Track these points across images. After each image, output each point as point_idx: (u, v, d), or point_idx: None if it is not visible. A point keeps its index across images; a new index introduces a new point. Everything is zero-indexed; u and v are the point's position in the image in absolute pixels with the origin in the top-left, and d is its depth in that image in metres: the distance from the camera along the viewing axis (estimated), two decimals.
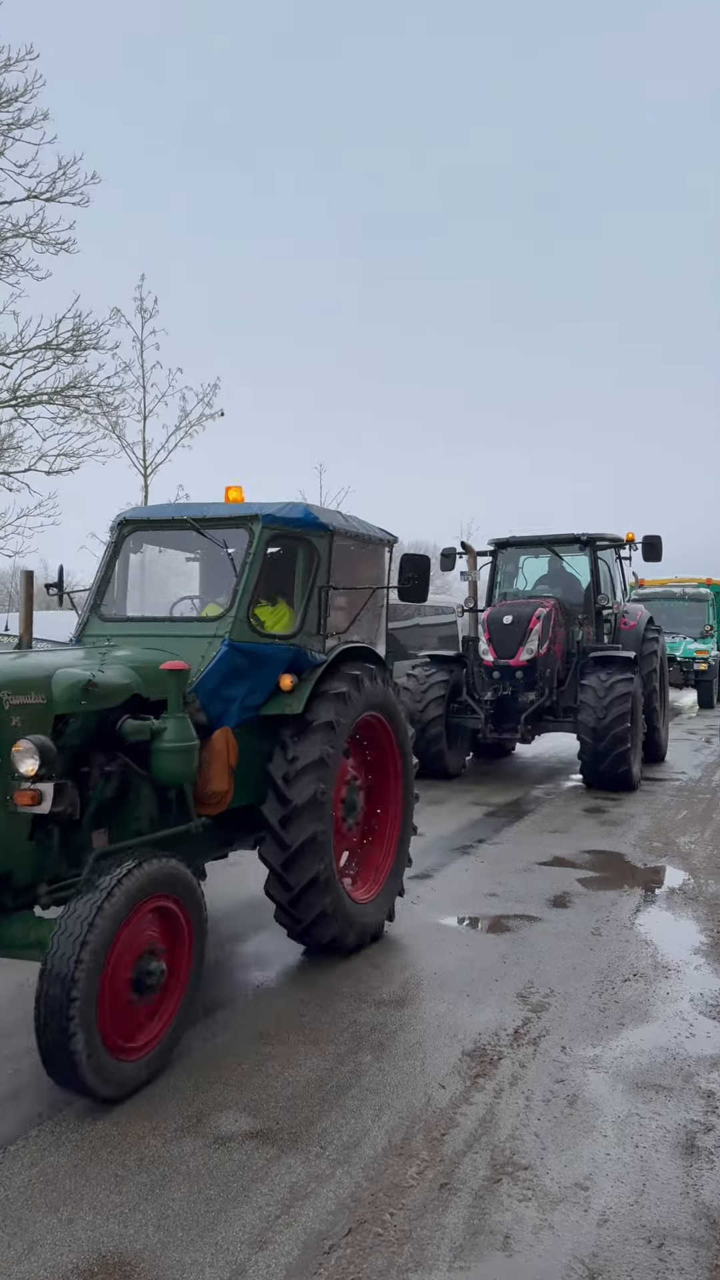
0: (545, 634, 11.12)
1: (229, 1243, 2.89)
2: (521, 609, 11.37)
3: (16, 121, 16.75)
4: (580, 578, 12.31)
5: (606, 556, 12.38)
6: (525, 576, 12.94)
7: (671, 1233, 2.95)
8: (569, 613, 11.86)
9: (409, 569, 5.62)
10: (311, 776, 4.89)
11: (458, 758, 11.56)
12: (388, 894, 5.72)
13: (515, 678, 11.11)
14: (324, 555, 5.45)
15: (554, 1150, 3.41)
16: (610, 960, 5.32)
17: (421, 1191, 3.15)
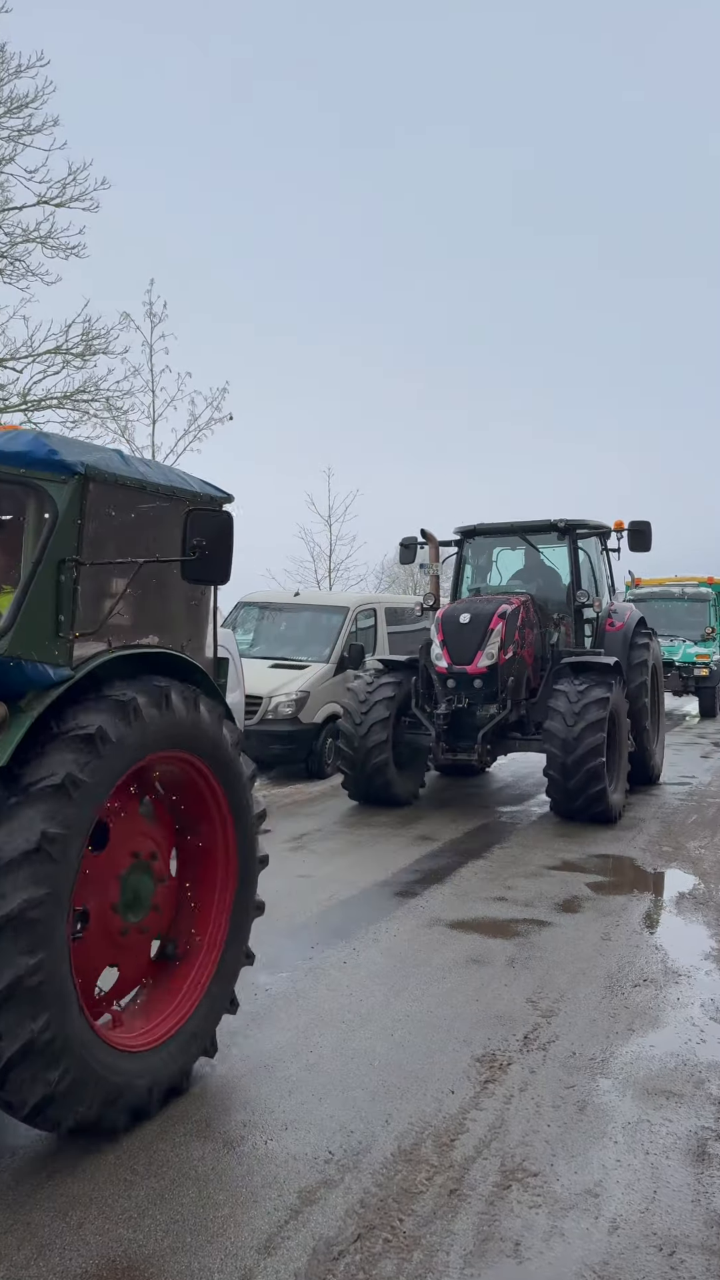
0: (510, 635, 9.45)
1: (238, 1248, 2.88)
2: (482, 606, 9.65)
3: (27, 127, 16.86)
4: (562, 572, 10.74)
5: (589, 547, 10.87)
6: (500, 571, 11.31)
7: (683, 1240, 2.93)
8: (545, 612, 10.28)
9: (197, 532, 3.73)
10: (18, 879, 3.10)
11: (410, 782, 10.02)
12: (199, 1026, 3.86)
13: (473, 687, 9.34)
14: (65, 512, 3.60)
15: (564, 1157, 3.40)
16: (620, 965, 5.30)
17: (431, 1197, 3.14)
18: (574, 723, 8.64)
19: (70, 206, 17.33)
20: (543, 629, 10.13)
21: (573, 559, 10.44)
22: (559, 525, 10.37)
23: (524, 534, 10.75)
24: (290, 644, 12.38)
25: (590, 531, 10.64)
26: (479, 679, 9.31)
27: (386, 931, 5.85)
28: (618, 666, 9.64)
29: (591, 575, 10.87)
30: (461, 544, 11.23)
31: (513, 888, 6.84)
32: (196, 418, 18.85)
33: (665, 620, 21.12)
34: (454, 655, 9.45)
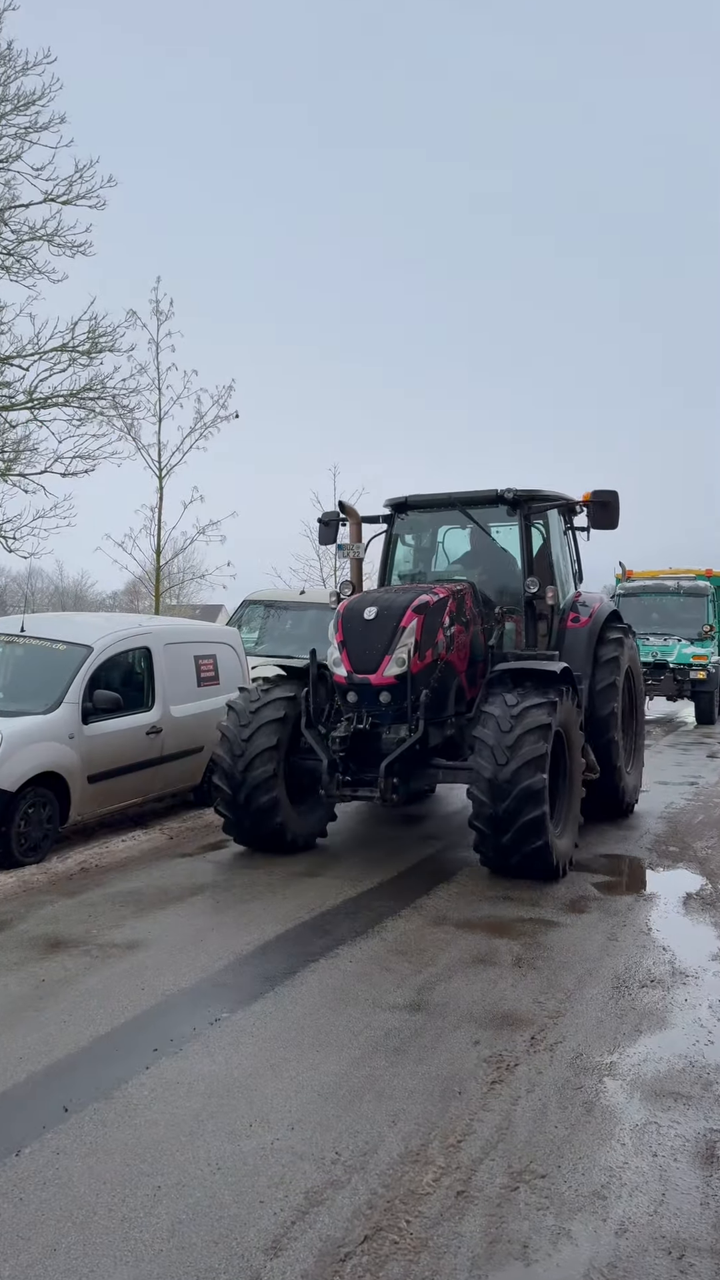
0: (431, 634, 7.34)
1: (244, 1249, 2.87)
2: (393, 598, 7.49)
3: (34, 125, 16.86)
4: (516, 555, 8.71)
5: (551, 525, 8.95)
6: (447, 554, 9.28)
7: (691, 1243, 2.92)
8: (489, 604, 8.35)
9: None
10: None
11: (308, 821, 7.80)
12: None
13: (379, 702, 7.20)
14: None
15: (571, 1158, 3.38)
16: (627, 966, 5.28)
17: (438, 1199, 3.13)
18: (505, 758, 6.60)
19: (77, 204, 17.33)
20: (484, 626, 8.14)
21: (524, 538, 8.41)
22: (506, 496, 8.27)
23: (464, 507, 8.55)
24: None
25: (546, 504, 8.62)
26: (386, 691, 7.18)
27: (392, 929, 5.83)
28: (565, 675, 7.40)
29: (549, 559, 8.87)
30: (391, 520, 9.15)
31: (518, 887, 6.82)
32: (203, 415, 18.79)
33: (659, 617, 19.75)
34: (355, 661, 7.27)
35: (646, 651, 18.23)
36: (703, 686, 18.99)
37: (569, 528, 9.34)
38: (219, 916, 6.15)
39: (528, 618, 8.29)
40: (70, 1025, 4.44)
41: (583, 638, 8.80)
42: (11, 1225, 2.99)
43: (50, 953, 5.43)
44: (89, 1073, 4.01)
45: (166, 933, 5.80)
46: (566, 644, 8.69)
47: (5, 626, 8.94)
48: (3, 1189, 3.19)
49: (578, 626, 8.86)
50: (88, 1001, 4.71)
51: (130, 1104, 3.75)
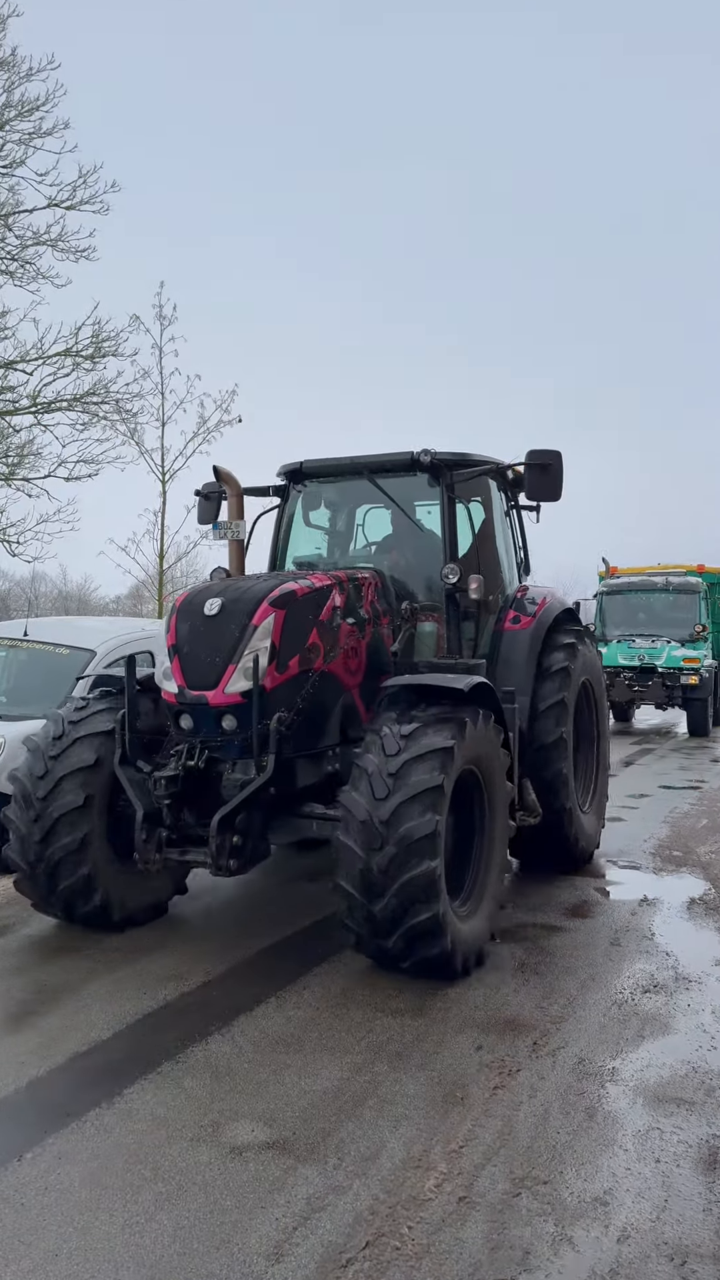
0: (298, 637, 5.39)
1: (245, 1254, 2.87)
2: (247, 587, 5.53)
3: (38, 130, 16.93)
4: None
5: (489, 502, 7.18)
6: (367, 538, 7.35)
7: (694, 1250, 2.91)
8: (402, 597, 6.49)
9: None
10: None
11: (148, 889, 5.87)
12: None
13: (221, 730, 5.24)
14: None
15: (573, 1164, 3.38)
16: (630, 971, 5.27)
17: (440, 1205, 3.12)
18: (385, 790, 4.77)
19: (80, 209, 17.40)
20: (392, 626, 6.29)
21: (446, 514, 6.56)
22: (421, 459, 6.44)
23: (371, 473, 6.65)
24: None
25: (473, 470, 6.64)
26: (230, 714, 5.19)
27: None
28: (481, 692, 5.44)
29: (490, 543, 7.19)
30: (285, 492, 7.26)
31: (521, 892, 6.81)
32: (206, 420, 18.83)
33: (646, 617, 18.46)
34: (189, 673, 5.31)
35: (633, 655, 17.51)
36: (695, 693, 17.24)
37: (513, 506, 7.49)
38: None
39: (450, 617, 6.35)
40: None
41: (523, 643, 6.88)
42: (13, 1230, 2.99)
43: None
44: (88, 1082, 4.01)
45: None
46: (502, 650, 6.88)
47: (8, 631, 8.88)
48: (4, 1194, 3.19)
49: (517, 629, 6.95)
50: None
51: (131, 1109, 3.75)
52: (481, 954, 5.25)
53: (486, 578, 6.57)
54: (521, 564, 7.66)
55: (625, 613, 18.72)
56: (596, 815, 7.81)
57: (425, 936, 4.77)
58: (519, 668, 6.84)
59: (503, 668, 6.81)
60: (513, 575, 7.44)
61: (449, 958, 4.86)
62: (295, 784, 5.50)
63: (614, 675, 17.15)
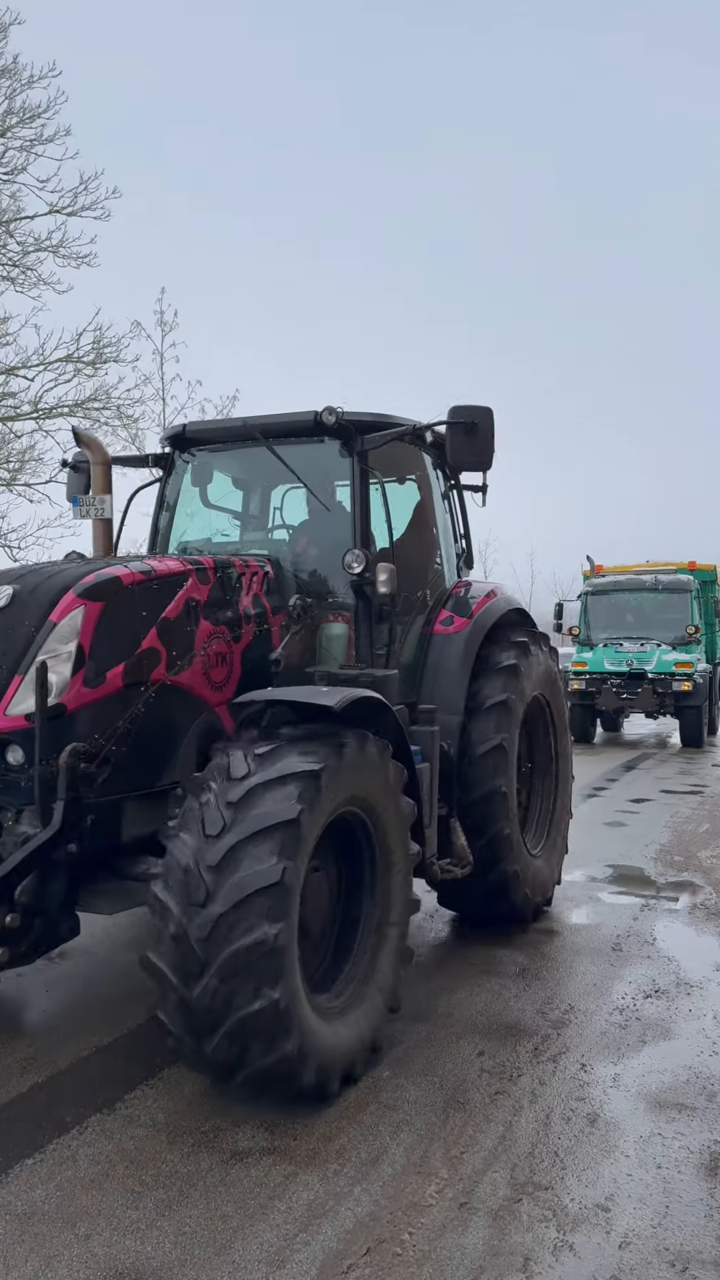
0: (121, 640, 4.18)
1: (246, 1261, 2.86)
2: (51, 575, 4.27)
3: (39, 137, 16.96)
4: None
5: (425, 481, 6.03)
6: (285, 520, 5.91)
7: (695, 1256, 2.90)
8: (317, 595, 5.21)
9: None
10: None
11: None
12: None
13: (5, 766, 4.04)
14: None
15: (574, 1170, 3.37)
16: (631, 976, 5.27)
17: (440, 1210, 3.12)
18: (202, 893, 3.47)
19: (82, 215, 17.42)
20: (284, 627, 4.97)
21: (357, 489, 5.22)
22: (324, 419, 5.04)
23: (269, 438, 5.25)
24: None
25: (387, 435, 5.24)
26: (15, 744, 4.01)
27: None
28: (369, 707, 4.23)
29: (427, 527, 6.02)
30: (169, 462, 5.89)
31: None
32: None
33: (634, 619, 17.38)
34: None
35: (620, 659, 16.52)
36: (688, 700, 15.90)
37: (453, 486, 6.33)
38: None
39: (360, 616, 5.10)
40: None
41: (455, 651, 5.69)
42: (15, 1236, 2.99)
43: None
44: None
45: None
46: (431, 659, 5.72)
47: None
48: (4, 1200, 3.19)
49: (449, 632, 5.76)
50: None
51: (132, 1115, 3.75)
52: (353, 1071, 3.86)
53: (415, 569, 5.66)
54: (463, 555, 6.46)
55: (612, 614, 17.72)
56: (550, 860, 6.38)
57: (260, 1037, 3.38)
58: (450, 680, 5.66)
59: (430, 680, 5.68)
60: (451, 568, 6.24)
61: (294, 1070, 3.50)
62: (119, 835, 4.09)
63: (600, 682, 16.47)
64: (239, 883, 3.38)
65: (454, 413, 5.00)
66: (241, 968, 3.34)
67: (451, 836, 5.35)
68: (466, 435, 5.00)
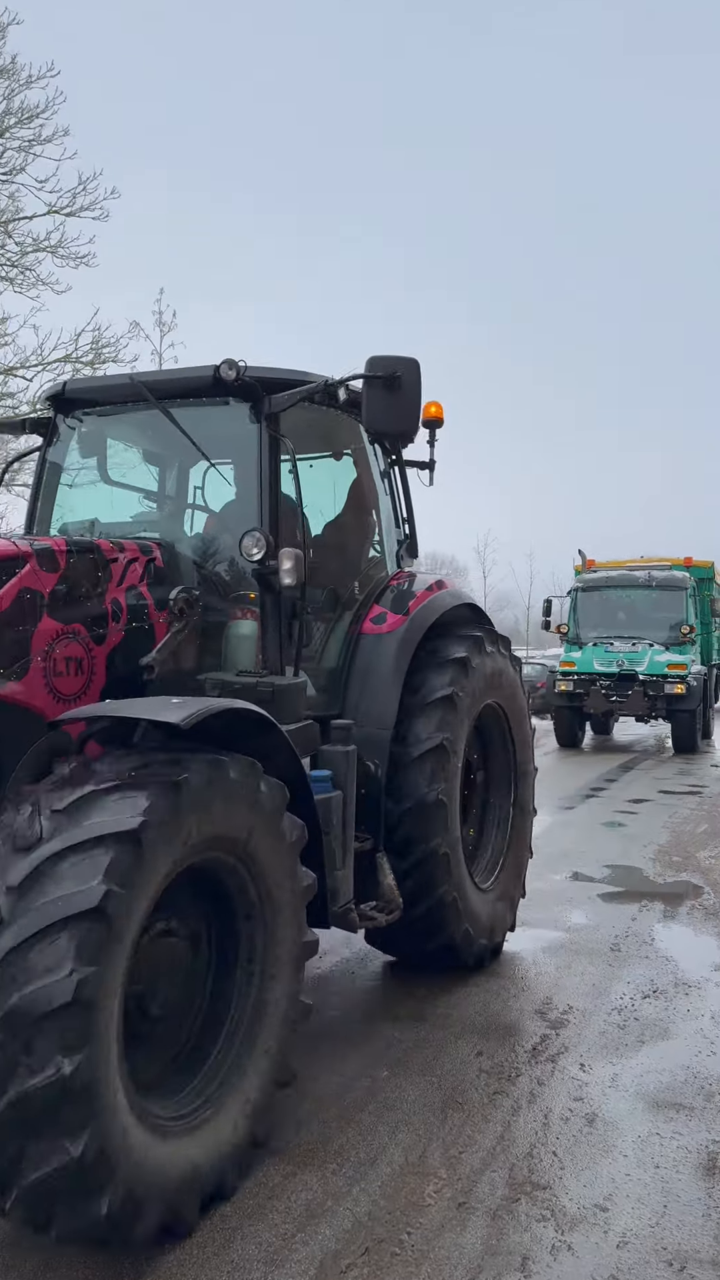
0: None
1: (245, 1260, 2.87)
2: None
3: (38, 138, 16.97)
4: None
5: (363, 456, 5.21)
6: (204, 498, 4.94)
7: (693, 1256, 2.91)
8: (213, 584, 4.37)
9: None
10: None
11: None
12: None
13: None
14: None
15: (573, 1170, 3.37)
16: (630, 976, 5.27)
17: (439, 1210, 3.12)
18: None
19: (80, 216, 17.43)
20: (208, 622, 4.25)
21: (262, 459, 4.38)
22: (224, 375, 4.19)
23: (162, 399, 4.39)
24: None
25: (298, 393, 4.38)
26: None
27: None
28: (248, 721, 3.42)
29: (364, 508, 5.23)
30: (50, 429, 4.92)
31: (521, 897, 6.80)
32: None
33: (627, 617, 16.56)
34: None
35: (610, 660, 15.71)
36: (681, 704, 15.01)
37: (394, 462, 5.49)
38: None
39: (268, 612, 4.29)
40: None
41: (386, 653, 4.84)
42: (10, 1238, 2.99)
43: None
44: None
45: None
46: (358, 663, 4.86)
47: None
48: None
49: (380, 632, 4.90)
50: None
51: None
52: (224, 1188, 3.09)
53: (346, 558, 5.02)
54: (405, 542, 5.60)
55: (602, 612, 16.84)
56: (504, 895, 5.51)
57: (68, 1199, 2.59)
58: (379, 688, 4.78)
59: (357, 688, 4.81)
60: (390, 557, 5.40)
61: (124, 1221, 2.68)
62: None
63: (589, 683, 15.67)
64: (19, 1007, 2.51)
65: (371, 364, 4.14)
66: (31, 1114, 2.50)
67: (378, 875, 4.59)
68: (387, 391, 4.12)
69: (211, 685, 4.09)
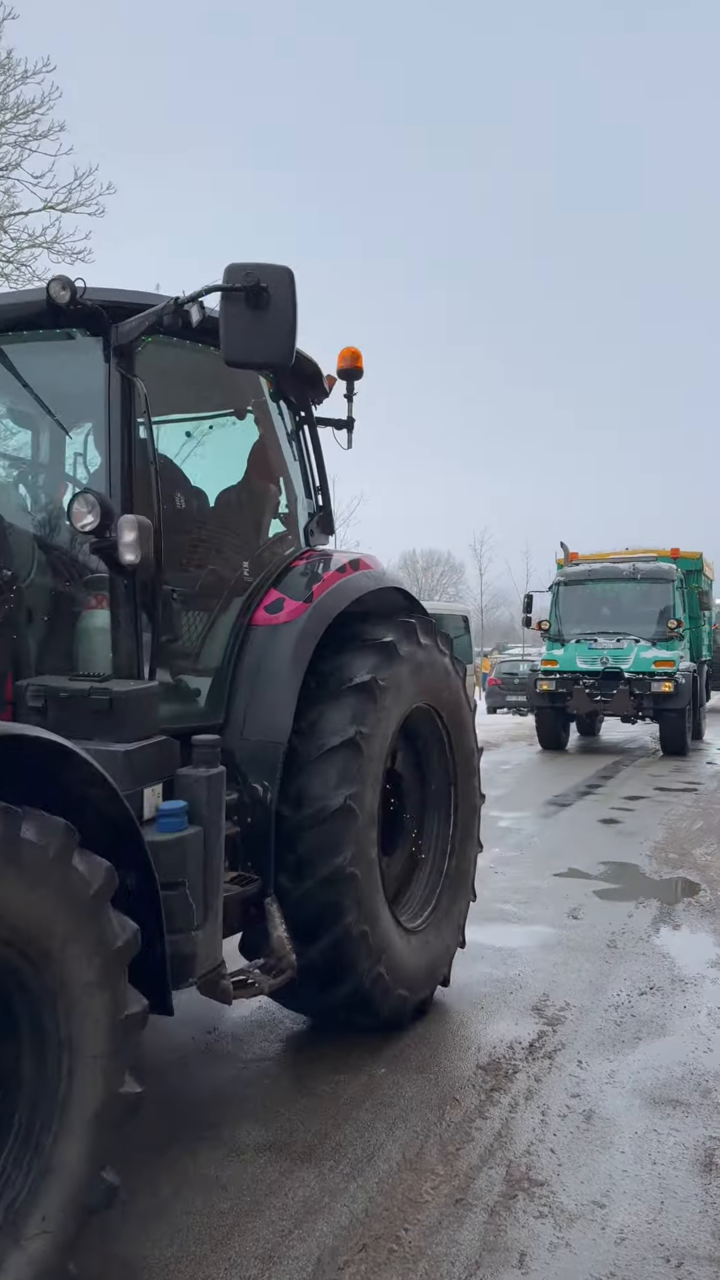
0: None
1: (242, 1257, 2.86)
2: None
3: (33, 133, 16.93)
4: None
5: (263, 412, 4.39)
6: (87, 466, 3.92)
7: (690, 1252, 2.91)
8: (62, 566, 3.61)
9: None
10: None
11: None
12: None
13: None
14: None
15: (570, 1166, 3.37)
16: (626, 973, 5.27)
17: (436, 1207, 3.12)
18: None
19: (76, 211, 17.40)
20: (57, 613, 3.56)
21: (117, 404, 3.52)
22: (57, 298, 3.36)
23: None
24: None
25: (146, 316, 3.51)
26: None
27: None
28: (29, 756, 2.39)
29: (270, 471, 4.46)
30: None
31: (518, 895, 6.81)
32: None
33: (611, 611, 15.58)
34: None
35: (594, 657, 14.89)
36: (668, 703, 14.14)
37: (304, 420, 4.68)
38: None
39: (114, 599, 3.50)
40: None
41: (281, 649, 3.97)
42: None
43: None
44: None
45: None
46: (245, 662, 4.00)
47: None
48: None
49: (275, 622, 4.03)
50: None
51: None
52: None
53: (239, 534, 4.23)
54: (318, 516, 4.73)
55: (586, 606, 15.85)
56: (441, 931, 4.62)
57: None
58: (271, 691, 3.89)
59: (245, 692, 3.92)
60: (299, 533, 4.57)
61: None
62: None
63: (572, 682, 14.88)
64: None
65: (230, 274, 3.26)
66: None
67: (266, 925, 3.75)
68: (250, 309, 3.27)
69: (34, 694, 3.24)
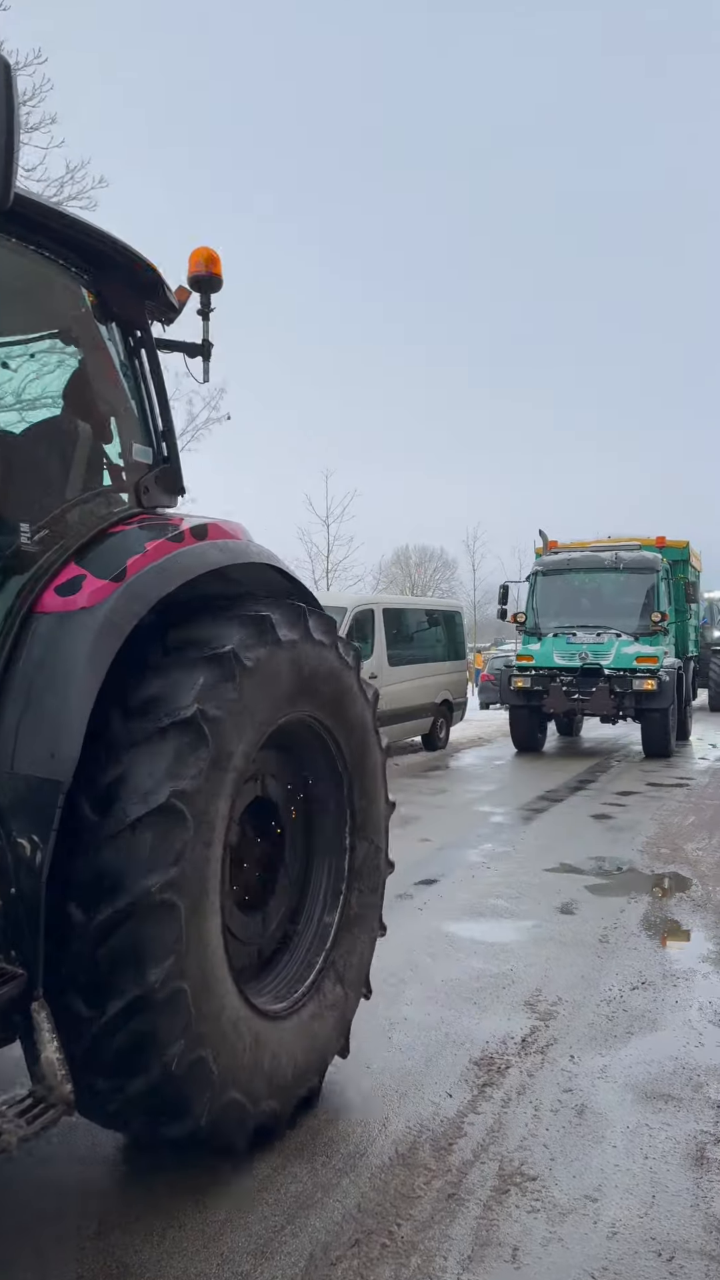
0: None
1: (234, 1253, 2.86)
2: None
3: (24, 125, 16.83)
4: None
5: (76, 330, 3.56)
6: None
7: (682, 1246, 2.91)
8: None
9: None
10: None
11: None
12: None
13: None
14: None
15: (562, 1161, 3.38)
16: (618, 968, 5.28)
17: (428, 1202, 3.12)
18: None
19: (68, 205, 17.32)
20: None
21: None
22: None
23: None
24: None
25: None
26: None
27: None
28: None
29: (62, 411, 3.68)
30: None
31: (511, 890, 6.82)
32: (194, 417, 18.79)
33: (591, 604, 14.55)
34: None
35: (572, 652, 13.94)
36: (650, 702, 13.26)
37: (141, 343, 3.68)
38: None
39: None
40: None
41: (73, 646, 2.81)
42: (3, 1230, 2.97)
43: None
44: None
45: None
46: (22, 663, 2.84)
47: None
48: None
49: (67, 609, 2.87)
50: None
51: None
52: None
53: (32, 491, 3.21)
54: (157, 469, 3.65)
55: (564, 598, 14.84)
56: (327, 1009, 3.63)
57: None
58: (53, 703, 2.77)
59: (18, 703, 2.80)
60: (129, 490, 3.56)
61: None
62: None
63: (549, 679, 13.89)
64: None
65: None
66: None
67: (34, 1041, 2.63)
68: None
69: None
